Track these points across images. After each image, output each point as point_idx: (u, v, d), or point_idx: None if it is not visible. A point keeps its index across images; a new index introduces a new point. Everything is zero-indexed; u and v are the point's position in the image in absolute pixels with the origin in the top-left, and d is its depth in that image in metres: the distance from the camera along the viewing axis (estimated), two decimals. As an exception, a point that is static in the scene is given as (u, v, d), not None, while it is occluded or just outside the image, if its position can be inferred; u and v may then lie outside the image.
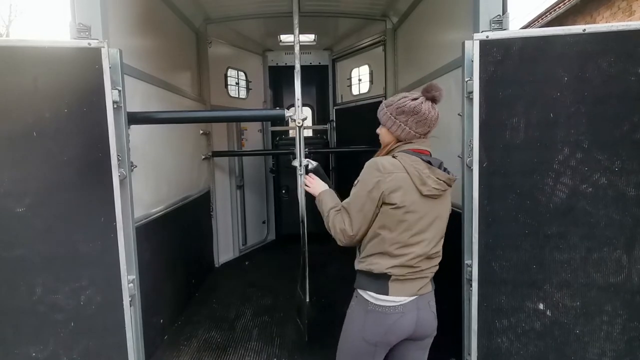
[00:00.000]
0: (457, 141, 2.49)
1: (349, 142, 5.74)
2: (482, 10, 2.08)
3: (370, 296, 1.74)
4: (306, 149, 3.88)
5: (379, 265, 1.72)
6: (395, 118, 1.75)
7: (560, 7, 10.01)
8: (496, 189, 1.99)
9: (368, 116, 5.28)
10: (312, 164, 2.66)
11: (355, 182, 1.78)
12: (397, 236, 1.69)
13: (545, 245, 1.98)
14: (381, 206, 1.69)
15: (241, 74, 5.58)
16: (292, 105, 2.89)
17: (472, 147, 1.99)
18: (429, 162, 1.71)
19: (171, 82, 3.64)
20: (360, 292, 1.78)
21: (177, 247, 3.64)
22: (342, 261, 4.99)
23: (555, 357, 2.03)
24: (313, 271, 3.11)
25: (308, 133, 6.26)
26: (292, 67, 3.00)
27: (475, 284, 2.05)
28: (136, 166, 2.49)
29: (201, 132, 4.51)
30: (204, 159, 4.59)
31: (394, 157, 1.73)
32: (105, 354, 2.02)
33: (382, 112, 1.81)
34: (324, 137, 6.09)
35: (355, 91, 5.73)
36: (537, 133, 1.94)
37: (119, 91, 1.99)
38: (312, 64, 6.06)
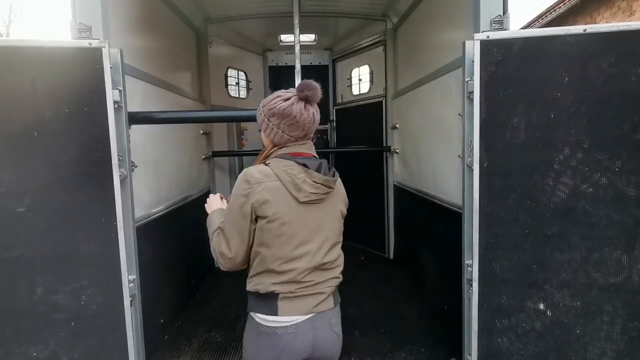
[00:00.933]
0: (457, 141, 2.49)
1: (349, 142, 5.74)
2: (482, 10, 2.08)
3: (260, 318, 1.58)
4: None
5: (264, 284, 1.55)
6: (268, 120, 1.57)
7: (560, 7, 10.02)
8: (496, 189, 1.99)
9: (368, 116, 5.32)
10: None
11: (229, 197, 1.63)
12: (278, 252, 1.52)
13: (545, 245, 1.98)
14: (256, 221, 1.53)
15: (241, 73, 5.59)
16: None
17: (473, 147, 1.99)
18: (305, 165, 1.52)
19: (171, 82, 3.64)
20: (252, 314, 1.63)
21: (178, 247, 3.64)
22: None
23: (555, 357, 2.03)
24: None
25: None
26: (293, 67, 3.00)
27: (475, 284, 2.05)
28: (136, 166, 2.48)
29: (201, 131, 4.51)
30: (204, 158, 4.59)
31: (266, 164, 1.56)
32: (106, 353, 2.02)
33: (258, 113, 1.63)
34: (325, 137, 6.09)
35: (355, 91, 5.73)
36: (538, 133, 1.94)
37: (120, 91, 1.99)
38: (313, 64, 6.07)
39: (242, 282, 1.81)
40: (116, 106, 1.95)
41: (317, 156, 1.63)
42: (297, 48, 3.00)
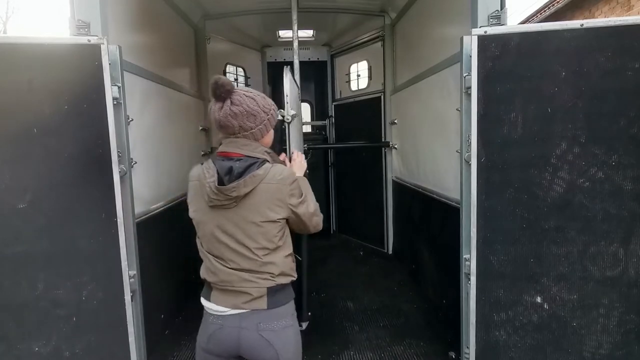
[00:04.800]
0: (455, 136, 2.50)
1: (348, 137, 5.75)
2: (480, 5, 2.08)
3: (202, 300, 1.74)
4: (305, 145, 3.85)
5: (202, 270, 1.74)
6: None
7: (558, 2, 9.99)
8: (494, 183, 2.01)
9: (367, 112, 5.32)
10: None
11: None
12: (199, 245, 1.71)
13: (542, 239, 2.00)
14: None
15: (240, 70, 5.58)
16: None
17: (470, 142, 2.00)
18: (228, 168, 1.54)
19: (170, 78, 3.64)
20: None
21: (178, 243, 3.65)
22: (341, 256, 5.03)
23: (552, 350, 2.06)
24: (314, 266, 3.12)
25: (307, 129, 6.26)
26: (291, 63, 2.99)
27: (473, 278, 2.06)
28: (136, 162, 2.49)
29: (200, 128, 4.52)
30: (203, 155, 4.59)
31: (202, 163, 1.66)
32: (107, 348, 2.03)
33: None
34: (323, 132, 6.10)
35: (354, 87, 5.73)
36: (535, 128, 1.95)
37: (119, 87, 2.00)
38: (311, 60, 6.06)
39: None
40: (115, 102, 1.96)
41: (249, 155, 1.59)
42: (296, 44, 2.99)
